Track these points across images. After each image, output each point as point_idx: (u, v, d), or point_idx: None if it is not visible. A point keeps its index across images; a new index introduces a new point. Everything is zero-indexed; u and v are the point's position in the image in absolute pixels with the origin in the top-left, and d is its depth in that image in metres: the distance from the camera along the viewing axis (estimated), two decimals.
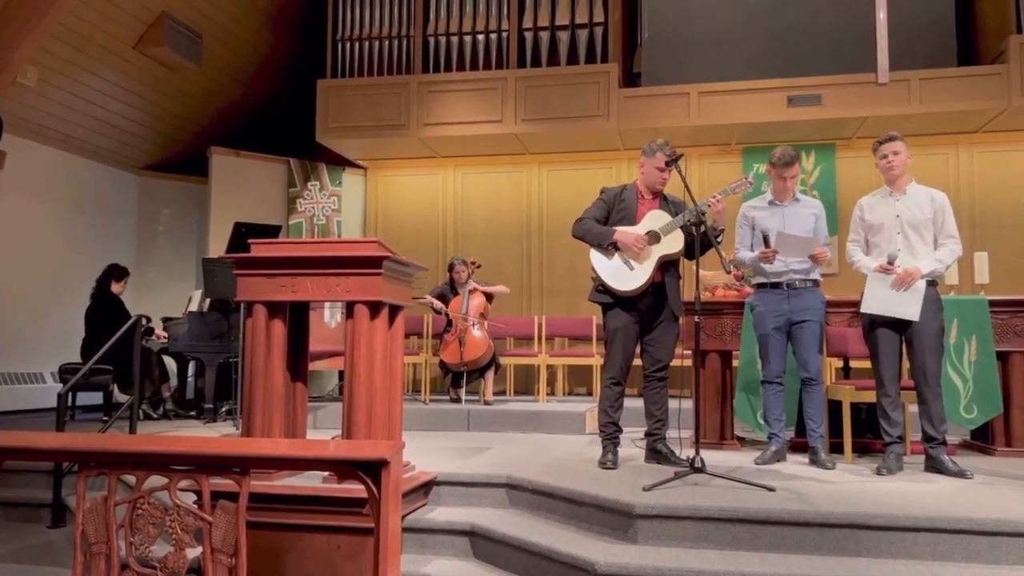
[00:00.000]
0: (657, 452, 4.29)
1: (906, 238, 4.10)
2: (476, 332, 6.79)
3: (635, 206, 4.29)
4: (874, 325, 4.12)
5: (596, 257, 4.24)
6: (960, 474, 3.93)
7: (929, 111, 7.34)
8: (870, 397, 4.53)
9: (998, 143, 7.99)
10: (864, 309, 4.06)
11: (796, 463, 4.34)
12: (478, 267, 7.20)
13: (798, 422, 4.81)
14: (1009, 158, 7.92)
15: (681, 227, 4.13)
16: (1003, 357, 4.79)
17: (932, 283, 4.09)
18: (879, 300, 4.01)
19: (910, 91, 7.35)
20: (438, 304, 7.10)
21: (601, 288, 4.25)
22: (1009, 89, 7.17)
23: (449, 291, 7.22)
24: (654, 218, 4.21)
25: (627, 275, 4.16)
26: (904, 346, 4.13)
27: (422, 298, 7.15)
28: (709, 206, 4.09)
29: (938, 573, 2.89)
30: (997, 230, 7.41)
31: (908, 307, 3.98)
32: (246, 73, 9.15)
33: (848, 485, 3.72)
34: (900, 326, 4.07)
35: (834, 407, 4.72)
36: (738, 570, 2.94)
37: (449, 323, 7.03)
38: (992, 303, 4.76)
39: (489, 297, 7.16)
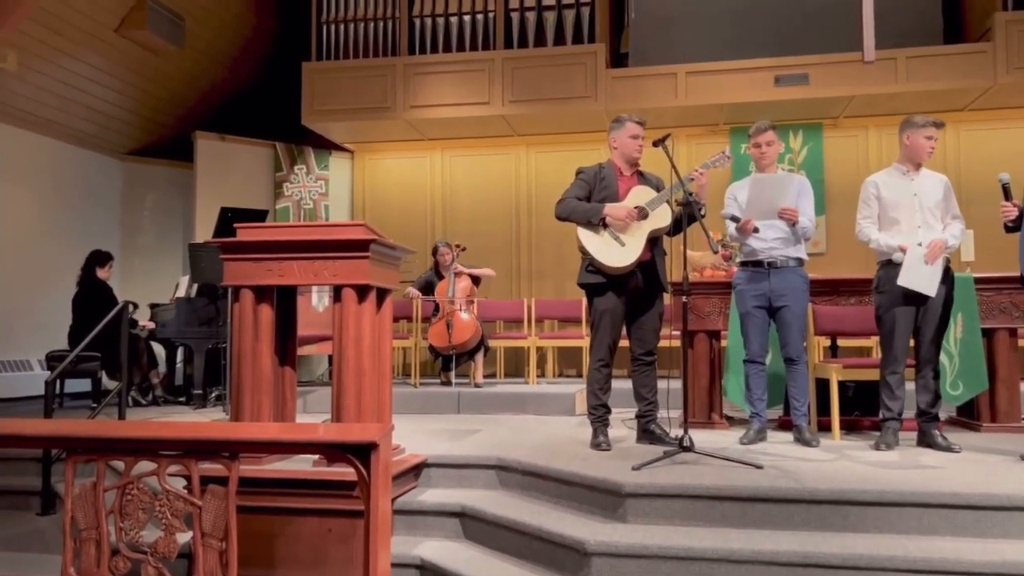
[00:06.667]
0: (650, 433, 4.30)
1: (924, 215, 4.15)
2: (464, 315, 6.79)
3: (616, 183, 4.26)
4: (894, 303, 4.13)
5: (585, 235, 4.18)
6: (948, 448, 3.99)
7: (915, 89, 7.35)
8: (858, 375, 4.58)
9: (984, 121, 8.02)
10: (902, 282, 4.01)
11: (782, 441, 4.38)
12: (463, 250, 7.17)
13: (785, 401, 4.85)
14: (995, 136, 7.95)
15: (667, 202, 4.14)
16: (988, 334, 4.84)
17: (946, 259, 4.15)
18: (916, 275, 4.02)
19: (897, 69, 7.35)
20: (415, 293, 7.09)
21: (592, 268, 4.19)
22: (995, 67, 7.18)
23: (435, 276, 7.20)
24: (639, 194, 4.19)
25: (619, 251, 4.11)
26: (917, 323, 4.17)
27: (407, 294, 7.13)
28: (692, 180, 4.09)
29: (924, 547, 2.92)
30: (982, 208, 7.43)
31: (932, 283, 4.04)
32: (230, 56, 9.06)
33: (835, 462, 3.76)
34: (918, 304, 4.11)
35: (822, 385, 4.75)
36: (726, 547, 2.97)
37: (437, 307, 7.02)
38: (978, 280, 4.80)
39: (476, 280, 7.15)
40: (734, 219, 4.37)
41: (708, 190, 4.20)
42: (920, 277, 4.01)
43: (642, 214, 4.12)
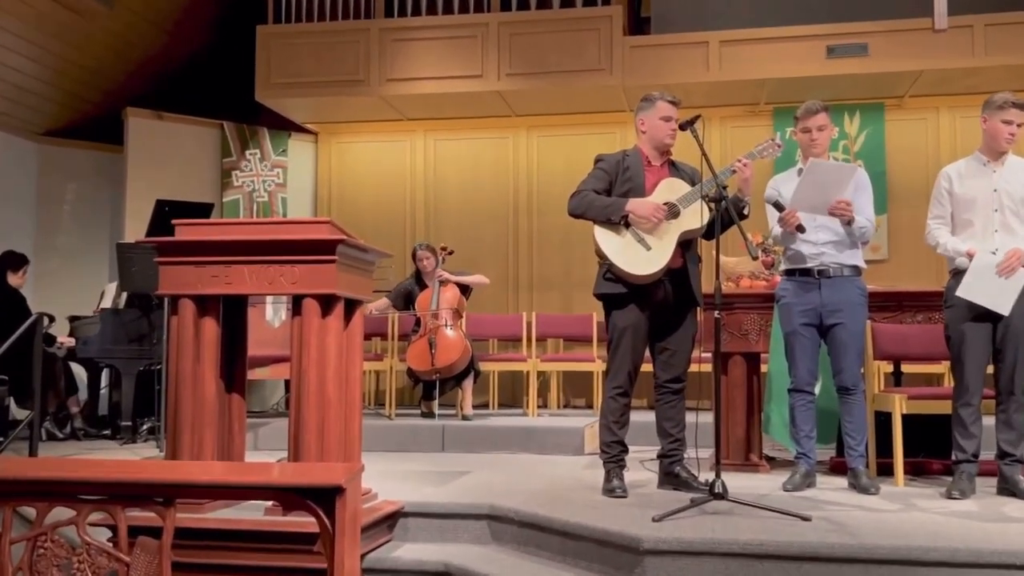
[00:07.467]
0: (675, 476, 4.29)
1: (1004, 216, 4.13)
2: (449, 332, 6.79)
3: (642, 174, 4.24)
4: (964, 320, 4.12)
5: (603, 235, 4.16)
6: None
7: (996, 63, 7.39)
8: (926, 408, 4.57)
9: None
10: (962, 293, 4.01)
11: (835, 488, 4.38)
12: (450, 253, 7.18)
13: (839, 439, 4.85)
14: None
15: (702, 198, 4.11)
16: None
17: None
18: (982, 287, 4.00)
19: (973, 39, 7.38)
20: (371, 310, 7.05)
21: (611, 276, 4.18)
22: None
23: (415, 286, 7.20)
24: (669, 187, 4.18)
25: (643, 256, 4.08)
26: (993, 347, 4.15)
27: (367, 312, 7.07)
28: (734, 172, 4.10)
29: None
30: None
31: (1003, 299, 3.99)
32: (170, 18, 9.06)
33: (898, 513, 3.76)
34: (995, 320, 4.09)
35: (882, 420, 4.74)
36: None
37: (418, 322, 7.02)
38: None
39: (465, 290, 7.15)
40: (778, 206, 4.35)
41: (752, 185, 4.20)
42: (986, 290, 3.99)
43: (672, 211, 4.10)
